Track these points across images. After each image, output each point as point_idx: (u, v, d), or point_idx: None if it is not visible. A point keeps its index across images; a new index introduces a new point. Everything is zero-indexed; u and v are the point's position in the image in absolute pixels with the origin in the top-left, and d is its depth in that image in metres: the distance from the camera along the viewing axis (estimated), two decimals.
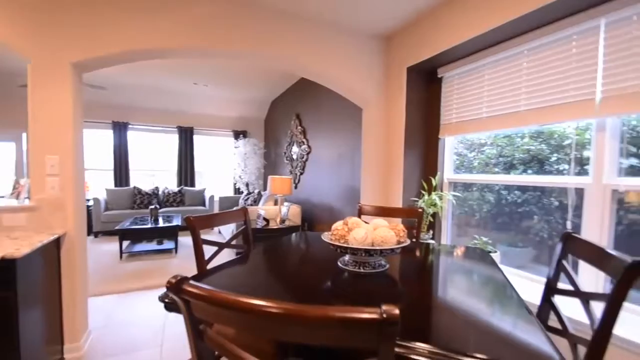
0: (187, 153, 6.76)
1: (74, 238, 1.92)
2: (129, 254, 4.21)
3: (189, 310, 0.60)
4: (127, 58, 2.14)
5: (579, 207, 1.79)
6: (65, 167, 1.89)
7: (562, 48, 1.79)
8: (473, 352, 0.66)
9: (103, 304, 2.77)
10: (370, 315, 0.47)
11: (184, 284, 0.58)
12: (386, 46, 2.86)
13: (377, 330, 0.47)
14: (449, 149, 2.63)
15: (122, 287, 3.15)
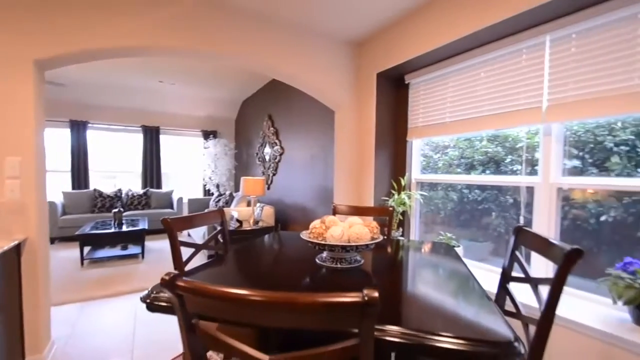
0: (153, 154, 6.48)
1: (35, 244, 1.81)
2: (91, 261, 3.97)
3: (182, 305, 0.62)
4: (94, 56, 2.05)
5: (530, 204, 1.99)
6: (26, 169, 1.78)
7: (514, 60, 1.99)
8: (440, 331, 0.74)
9: (66, 313, 2.61)
10: (354, 298, 0.53)
11: (177, 280, 0.60)
12: (357, 52, 2.97)
13: (359, 312, 0.53)
14: (416, 150, 2.80)
15: (85, 295, 2.97)
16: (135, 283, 3.31)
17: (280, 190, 4.67)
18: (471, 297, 1.05)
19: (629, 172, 1.62)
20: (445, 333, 0.72)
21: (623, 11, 1.51)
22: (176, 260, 1.35)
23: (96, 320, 2.55)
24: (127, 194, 5.90)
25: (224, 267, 1.34)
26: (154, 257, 4.24)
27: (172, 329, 2.42)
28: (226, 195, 5.13)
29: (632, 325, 1.40)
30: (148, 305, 0.94)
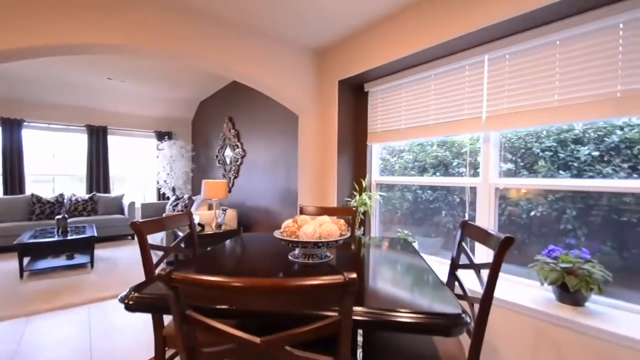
0: (100, 155, 6.01)
1: None
2: (31, 273, 3.58)
3: (177, 297, 0.67)
4: (41, 53, 1.92)
5: (474, 202, 2.26)
6: None
7: (459, 75, 2.25)
8: (399, 309, 0.87)
9: (7, 329, 2.36)
10: (336, 280, 0.62)
11: (173, 274, 0.65)
12: (320, 60, 3.10)
13: (341, 290, 0.63)
14: (376, 154, 2.99)
15: (29, 309, 2.69)
16: (86, 294, 3.07)
17: (243, 193, 4.63)
18: (426, 282, 1.20)
19: (552, 174, 1.93)
20: (404, 310, 0.85)
21: (544, 38, 1.81)
22: (147, 264, 1.33)
23: (46, 334, 2.34)
24: (70, 199, 5.39)
25: (198, 267, 1.36)
26: (104, 267, 3.95)
27: (130, 340, 2.31)
28: (185, 199, 4.94)
29: (556, 303, 1.68)
30: (127, 306, 0.94)
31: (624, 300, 1.60)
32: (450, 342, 1.20)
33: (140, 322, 2.60)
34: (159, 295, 0.95)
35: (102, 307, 2.85)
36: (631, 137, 1.66)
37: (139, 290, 1.00)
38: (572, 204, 1.89)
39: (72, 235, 3.88)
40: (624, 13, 1.53)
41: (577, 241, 1.83)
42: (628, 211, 1.66)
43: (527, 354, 1.68)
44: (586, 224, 1.82)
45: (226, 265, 1.42)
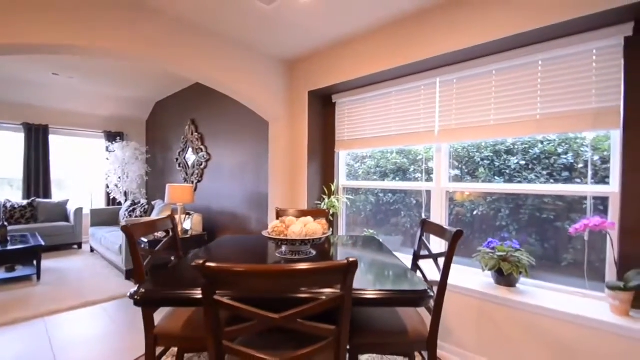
0: (40, 157, 5.45)
1: None
2: None
3: (209, 284, 0.79)
4: (11, 51, 1.83)
5: (428, 204, 2.59)
6: None
7: (415, 93, 2.58)
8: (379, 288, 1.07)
9: None
10: (342, 263, 0.80)
11: (208, 263, 0.77)
12: (291, 70, 3.27)
13: (345, 271, 0.81)
14: (343, 160, 3.23)
15: None
16: (38, 307, 2.84)
17: (207, 197, 4.58)
18: (396, 268, 1.43)
19: (490, 179, 2.32)
20: (384, 289, 1.06)
21: (483, 68, 2.19)
22: (137, 266, 1.37)
23: (2, 351, 2.16)
24: (4, 205, 4.83)
25: (190, 267, 1.43)
26: (52, 278, 3.64)
27: (98, 350, 2.24)
28: (143, 204, 4.73)
29: (494, 285, 2.03)
30: (136, 301, 1.02)
31: (545, 281, 2.00)
32: (415, 319, 1.44)
33: (103, 331, 2.51)
34: (160, 292, 1.05)
35: (59, 320, 2.68)
36: (548, 150, 2.09)
37: (144, 287, 1.08)
38: (506, 204, 2.29)
39: (14, 245, 3.53)
40: (541, 53, 1.95)
41: (509, 235, 2.23)
42: (547, 210, 2.08)
43: (473, 328, 2.01)
44: (516, 220, 2.23)
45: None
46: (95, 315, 2.80)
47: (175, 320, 1.44)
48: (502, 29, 1.89)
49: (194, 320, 1.43)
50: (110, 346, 2.28)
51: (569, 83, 1.86)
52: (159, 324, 1.43)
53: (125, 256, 3.60)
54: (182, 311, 1.49)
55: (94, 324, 2.63)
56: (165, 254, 1.67)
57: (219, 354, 0.87)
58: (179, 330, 1.39)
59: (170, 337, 1.39)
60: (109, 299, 3.13)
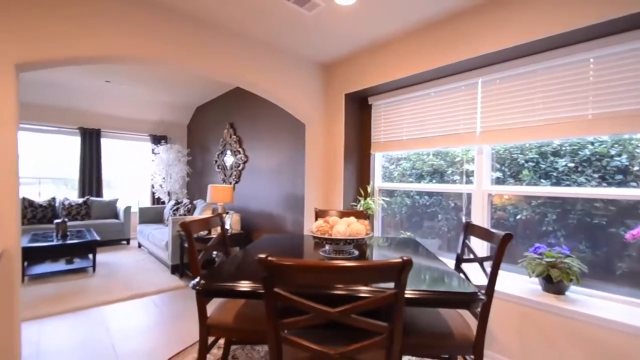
0: (93, 159, 5.95)
1: (12, 256, 1.73)
2: (31, 277, 3.57)
3: (270, 277, 0.86)
4: (72, 62, 2.05)
5: (468, 207, 2.54)
6: (3, 175, 1.71)
7: (455, 94, 2.54)
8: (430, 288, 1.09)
9: (24, 330, 2.39)
10: (397, 261, 0.84)
11: (270, 257, 0.84)
12: (328, 73, 3.33)
13: (400, 269, 0.84)
14: (378, 162, 3.24)
15: (38, 312, 2.73)
16: (97, 296, 3.13)
17: (244, 198, 4.77)
18: (443, 271, 1.43)
19: (534, 182, 2.23)
20: (435, 289, 1.07)
21: (528, 67, 2.12)
22: (194, 260, 1.49)
23: (64, 336, 2.41)
24: (62, 203, 5.33)
25: (244, 261, 1.53)
26: (105, 271, 3.97)
27: (153, 339, 2.42)
28: (186, 204, 5.01)
29: (541, 292, 1.96)
30: (200, 291, 1.11)
31: (597, 289, 1.89)
32: (460, 323, 1.43)
33: (154, 321, 2.71)
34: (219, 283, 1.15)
35: (113, 309, 2.93)
36: (600, 152, 1.98)
37: (205, 279, 1.18)
38: (552, 208, 2.19)
39: (72, 239, 3.89)
40: (594, 50, 1.85)
41: (556, 241, 2.13)
42: (598, 215, 1.97)
43: (517, 336, 1.94)
44: (564, 226, 2.12)
45: None
46: (145, 306, 3.03)
47: (226, 313, 1.53)
48: (550, 27, 1.83)
49: (244, 313, 1.52)
50: (161, 335, 2.46)
51: (625, 81, 1.76)
52: (212, 316, 1.53)
53: (171, 252, 3.84)
54: (231, 304, 1.59)
55: (145, 314, 2.85)
56: (215, 250, 1.79)
57: (277, 343, 0.93)
58: (231, 322, 1.48)
59: (222, 328, 1.49)
60: (157, 291, 3.36)
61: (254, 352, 2.19)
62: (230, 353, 2.16)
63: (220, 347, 2.12)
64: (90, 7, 1.99)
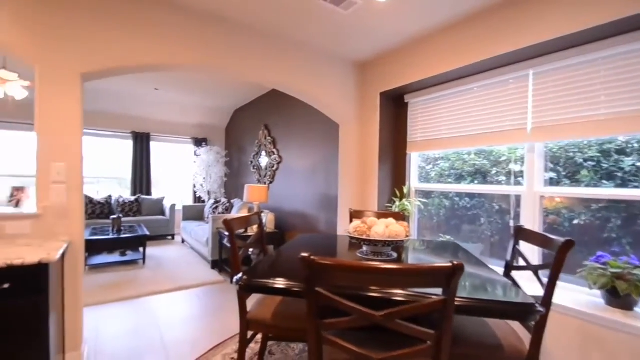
0: (143, 160, 6.44)
1: (77, 247, 1.92)
2: (91, 267, 3.94)
3: (312, 276, 0.85)
4: (129, 70, 2.21)
5: (517, 210, 2.35)
6: (71, 175, 1.90)
7: (501, 88, 2.37)
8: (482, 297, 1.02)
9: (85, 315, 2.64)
10: (446, 265, 0.79)
11: (313, 257, 0.84)
12: (362, 72, 3.29)
13: (450, 273, 0.79)
14: (415, 162, 3.13)
15: (97, 299, 3.01)
16: (147, 287, 3.37)
17: (278, 198, 4.86)
18: (495, 279, 1.33)
19: (595, 184, 2.01)
20: (488, 298, 1.00)
21: (588, 55, 1.92)
22: (235, 257, 1.54)
23: (119, 322, 2.63)
24: (117, 200, 5.81)
25: (283, 260, 1.55)
26: (153, 264, 4.26)
27: (197, 328, 2.55)
28: (224, 202, 5.22)
29: (604, 306, 1.76)
30: (242, 287, 1.14)
31: None
32: (510, 335, 1.33)
33: (197, 313, 2.84)
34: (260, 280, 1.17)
35: (161, 300, 3.13)
36: None
37: (247, 275, 1.21)
38: (617, 213, 1.96)
39: (126, 233, 4.22)
40: None
41: (622, 249, 1.90)
42: None
43: (576, 353, 1.76)
44: (631, 233, 1.89)
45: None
46: (188, 298, 3.20)
47: (265, 309, 1.56)
48: (613, 10, 1.63)
49: (281, 311, 1.54)
50: (203, 326, 2.58)
51: None
52: (251, 311, 1.57)
53: (211, 248, 4.02)
54: (270, 300, 1.62)
55: (188, 306, 3.01)
56: (253, 247, 1.83)
57: (318, 343, 0.92)
58: (269, 318, 1.50)
59: (261, 323, 1.52)
60: (199, 285, 3.53)
61: (289, 349, 2.21)
62: (267, 348, 2.20)
63: (258, 342, 2.17)
64: (144, 20, 2.15)
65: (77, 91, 1.93)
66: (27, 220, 1.75)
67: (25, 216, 1.75)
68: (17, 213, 1.73)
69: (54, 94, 1.87)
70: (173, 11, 2.25)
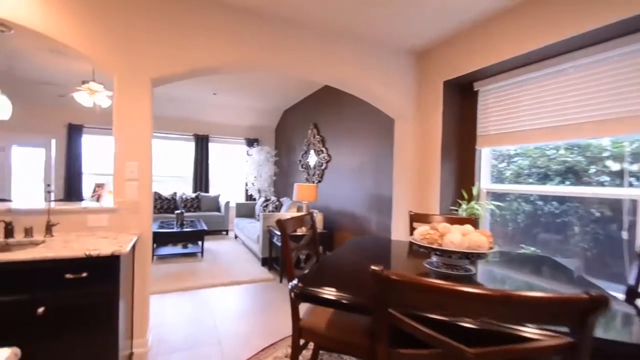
0: (203, 160, 6.85)
1: (146, 239, 2.03)
2: (158, 257, 4.27)
3: (383, 294, 0.68)
4: (194, 74, 2.27)
5: (633, 218, 1.87)
6: (142, 173, 2.03)
7: (606, 67, 1.92)
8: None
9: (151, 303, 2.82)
10: (581, 297, 0.56)
11: (387, 272, 0.66)
12: (421, 61, 3.00)
13: (586, 308, 0.56)
14: (486, 159, 2.75)
15: (163, 287, 3.22)
16: (204, 279, 3.52)
17: (326, 197, 4.74)
18: (626, 311, 1.02)
19: None
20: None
21: None
22: (288, 262, 1.42)
23: (180, 311, 2.76)
24: (181, 197, 6.24)
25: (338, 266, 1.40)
26: (210, 257, 4.45)
27: (249, 323, 2.56)
28: (274, 201, 5.27)
29: None
30: (296, 295, 1.01)
31: None
32: None
33: (249, 309, 2.86)
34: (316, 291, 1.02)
35: (215, 292, 3.23)
36: None
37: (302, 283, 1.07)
38: None
39: (187, 227, 4.47)
40: None
41: None
42: None
43: None
44: None
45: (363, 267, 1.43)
46: (240, 293, 3.25)
47: (318, 318, 1.43)
48: None
49: (336, 321, 1.39)
50: (254, 322, 2.58)
51: None
52: (304, 318, 1.44)
53: (261, 245, 4.06)
54: (323, 309, 1.48)
55: (241, 301, 3.05)
56: (306, 249, 1.71)
57: None
58: (322, 329, 1.36)
59: (313, 333, 1.38)
60: (250, 281, 3.57)
61: None
62: (318, 357, 2.07)
63: (310, 349, 2.05)
64: (206, 25, 2.20)
65: (147, 96, 2.04)
66: (106, 214, 1.91)
67: (104, 210, 1.91)
68: (98, 207, 1.89)
69: (128, 99, 2.00)
70: (239, 14, 2.29)
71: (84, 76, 4.35)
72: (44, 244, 1.58)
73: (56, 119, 5.70)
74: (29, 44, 3.57)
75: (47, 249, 1.45)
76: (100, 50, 1.91)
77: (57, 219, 1.79)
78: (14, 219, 1.70)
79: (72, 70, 4.39)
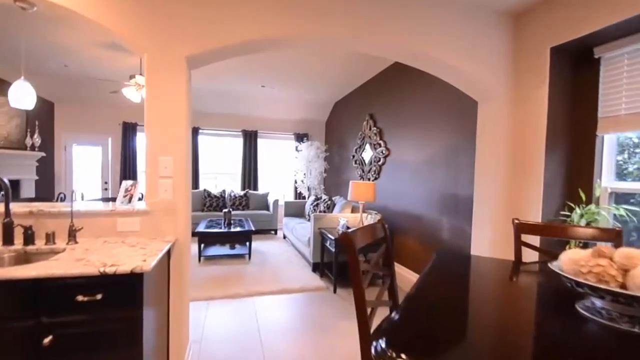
0: (251, 156, 6.75)
1: (183, 245, 1.75)
2: (205, 258, 4.15)
3: None
4: (233, 50, 1.94)
5: None
6: (178, 169, 1.73)
7: None
8: None
9: (194, 310, 2.62)
10: None
11: None
12: (517, 24, 2.36)
13: None
14: (610, 150, 2.06)
15: (207, 294, 3.03)
16: (249, 285, 3.29)
17: (384, 196, 4.23)
18: None
19: None
20: None
21: None
22: (358, 291, 1.00)
23: (223, 323, 2.52)
24: (229, 194, 6.20)
25: (430, 309, 0.96)
26: (258, 259, 4.23)
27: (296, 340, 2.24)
28: (325, 200, 4.91)
29: None
30: (376, 354, 0.60)
31: None
32: None
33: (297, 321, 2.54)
34: None
35: (262, 301, 2.96)
36: None
37: (392, 348, 0.65)
38: None
39: (235, 227, 4.31)
40: None
41: None
42: None
43: None
44: None
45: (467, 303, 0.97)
46: (290, 304, 2.93)
47: None
48: None
49: None
50: (306, 343, 2.23)
51: None
52: None
53: (312, 249, 3.71)
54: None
55: (290, 314, 2.73)
56: (378, 270, 1.29)
57: None
58: None
59: None
60: (301, 289, 3.24)
61: None
62: None
63: None
64: None
65: (183, 78, 1.74)
66: (137, 217, 1.65)
67: (135, 212, 1.64)
68: (128, 209, 1.63)
69: (161, 80, 1.71)
70: None
71: (133, 70, 4.37)
72: (63, 252, 1.35)
73: (111, 117, 5.95)
74: (81, 39, 3.60)
75: (58, 263, 1.20)
76: (128, 25, 1.65)
77: (82, 222, 1.57)
78: (37, 222, 1.52)
79: (122, 66, 4.44)
